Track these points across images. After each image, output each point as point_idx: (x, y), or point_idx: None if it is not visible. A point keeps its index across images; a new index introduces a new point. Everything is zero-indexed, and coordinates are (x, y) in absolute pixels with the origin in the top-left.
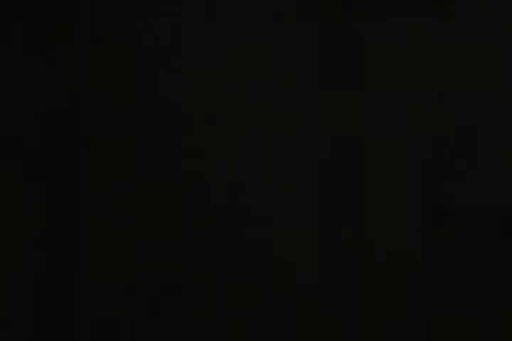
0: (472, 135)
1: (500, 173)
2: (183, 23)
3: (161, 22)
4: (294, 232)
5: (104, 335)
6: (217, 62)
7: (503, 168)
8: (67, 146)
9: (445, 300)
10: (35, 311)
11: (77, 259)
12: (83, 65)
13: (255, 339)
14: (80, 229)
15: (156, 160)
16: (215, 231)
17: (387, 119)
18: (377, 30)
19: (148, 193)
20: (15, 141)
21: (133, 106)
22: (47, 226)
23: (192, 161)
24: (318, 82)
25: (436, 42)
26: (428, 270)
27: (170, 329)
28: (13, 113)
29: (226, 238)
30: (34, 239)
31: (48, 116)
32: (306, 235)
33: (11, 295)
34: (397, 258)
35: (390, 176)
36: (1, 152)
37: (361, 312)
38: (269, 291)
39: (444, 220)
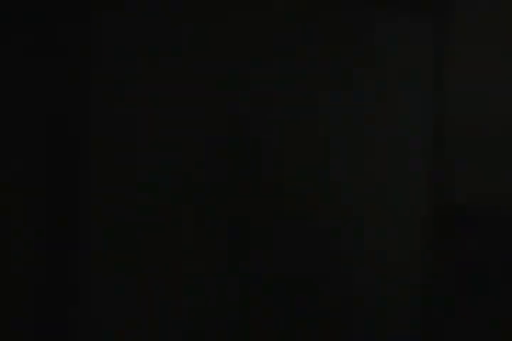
0: (472, 135)
1: (500, 173)
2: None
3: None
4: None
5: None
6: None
7: (503, 168)
8: (68, 147)
9: (445, 300)
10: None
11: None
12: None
13: None
14: (79, 231)
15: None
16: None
17: (387, 119)
18: (377, 30)
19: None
20: (15, 141)
21: (133, 109)
22: (46, 226)
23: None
24: (318, 82)
25: (437, 42)
26: (428, 270)
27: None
28: (12, 113)
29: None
30: (33, 238)
31: (46, 118)
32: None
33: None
34: (397, 258)
35: (390, 176)
36: (2, 152)
37: (361, 311)
38: None
39: (444, 220)
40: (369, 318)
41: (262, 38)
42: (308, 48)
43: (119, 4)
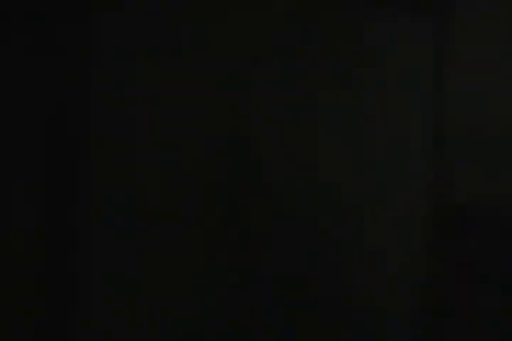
0: (472, 135)
1: (500, 173)
2: (185, 25)
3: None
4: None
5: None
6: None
7: (503, 168)
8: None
9: (445, 300)
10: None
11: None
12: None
13: None
14: (79, 232)
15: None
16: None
17: (387, 119)
18: (377, 30)
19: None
20: (15, 140)
21: (134, 109)
22: (46, 226)
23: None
24: (318, 82)
25: (437, 42)
26: (428, 270)
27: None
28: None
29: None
30: (32, 238)
31: (46, 117)
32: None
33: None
34: (397, 257)
35: (390, 176)
36: (2, 151)
37: (361, 311)
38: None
39: (444, 220)
40: (369, 318)
41: (262, 38)
42: (308, 48)
43: (119, 4)
